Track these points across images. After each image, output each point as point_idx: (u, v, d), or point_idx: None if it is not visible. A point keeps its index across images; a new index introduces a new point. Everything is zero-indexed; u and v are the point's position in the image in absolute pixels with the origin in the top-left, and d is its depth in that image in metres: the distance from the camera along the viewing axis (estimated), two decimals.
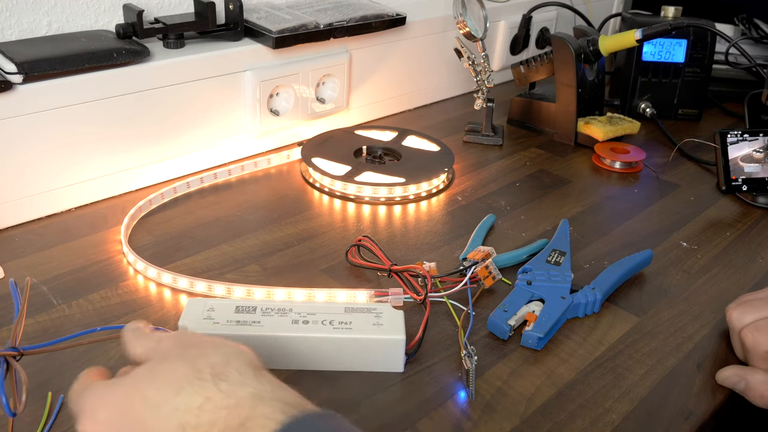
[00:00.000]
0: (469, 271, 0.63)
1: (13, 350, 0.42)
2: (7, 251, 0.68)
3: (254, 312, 0.55)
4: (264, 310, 0.55)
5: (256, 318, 0.54)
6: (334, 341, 0.54)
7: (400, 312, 0.56)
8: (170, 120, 0.79)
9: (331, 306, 0.57)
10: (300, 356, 0.54)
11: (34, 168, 0.71)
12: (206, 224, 0.74)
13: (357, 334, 0.54)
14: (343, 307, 0.56)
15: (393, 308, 0.57)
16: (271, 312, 0.55)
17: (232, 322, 0.54)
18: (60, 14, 0.76)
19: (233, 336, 0.52)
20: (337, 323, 0.54)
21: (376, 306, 0.57)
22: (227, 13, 0.83)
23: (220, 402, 0.37)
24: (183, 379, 0.38)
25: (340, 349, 0.54)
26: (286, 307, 0.56)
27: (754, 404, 0.54)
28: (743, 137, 0.85)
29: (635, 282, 0.68)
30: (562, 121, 1.00)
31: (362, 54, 0.97)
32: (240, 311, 0.55)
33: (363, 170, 0.83)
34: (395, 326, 0.55)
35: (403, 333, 0.54)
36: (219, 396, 0.37)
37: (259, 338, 0.53)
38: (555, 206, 0.82)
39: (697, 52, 1.06)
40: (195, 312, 0.55)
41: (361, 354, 0.54)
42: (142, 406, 0.38)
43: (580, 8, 1.24)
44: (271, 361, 0.54)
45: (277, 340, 0.54)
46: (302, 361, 0.55)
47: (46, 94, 0.68)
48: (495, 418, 0.51)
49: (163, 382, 0.39)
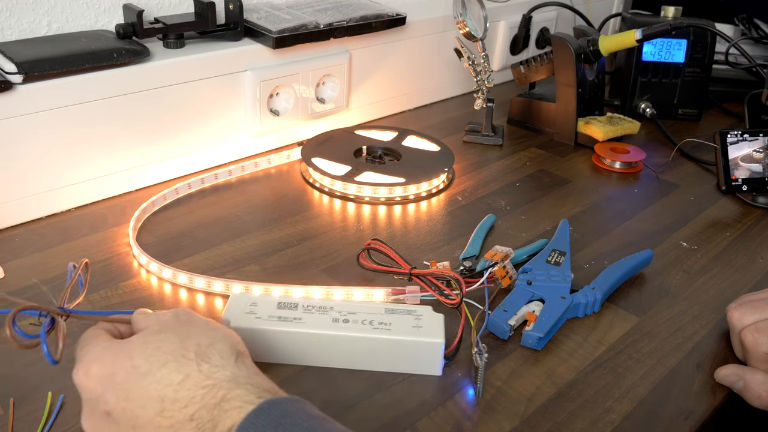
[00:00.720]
0: (487, 271, 0.63)
1: (62, 309, 0.46)
2: (7, 251, 0.68)
3: (296, 309, 0.56)
4: (305, 308, 0.56)
5: (298, 315, 0.55)
6: (373, 341, 0.54)
7: (440, 315, 0.56)
8: (170, 120, 0.79)
9: (372, 306, 0.57)
10: (338, 354, 0.55)
11: (34, 168, 0.71)
12: (206, 224, 0.74)
13: (396, 336, 0.54)
14: (383, 308, 0.57)
15: (433, 311, 0.57)
16: (313, 309, 0.56)
17: (273, 318, 0.55)
18: (60, 14, 0.76)
19: (275, 331, 0.54)
20: (377, 323, 0.55)
21: (416, 308, 0.57)
22: (227, 13, 0.84)
23: (199, 381, 0.40)
24: (169, 353, 0.41)
25: (378, 349, 0.54)
26: (327, 306, 0.56)
27: (751, 405, 0.54)
28: (743, 137, 0.85)
29: (635, 282, 0.68)
30: (562, 121, 1.00)
31: (362, 54, 0.97)
32: (282, 307, 0.56)
33: (363, 170, 0.83)
34: (435, 329, 0.55)
35: (442, 336, 0.54)
36: (199, 376, 0.40)
37: (299, 335, 0.54)
38: (555, 206, 0.82)
39: (697, 52, 1.06)
40: (238, 306, 0.56)
41: (399, 355, 0.54)
42: (129, 372, 0.41)
43: (580, 8, 1.24)
44: (310, 358, 0.55)
45: (317, 337, 0.54)
46: (340, 359, 0.55)
47: (46, 94, 0.68)
48: (495, 418, 0.51)
49: (152, 353, 0.42)
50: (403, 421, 0.51)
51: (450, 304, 0.60)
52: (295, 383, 0.54)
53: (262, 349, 0.54)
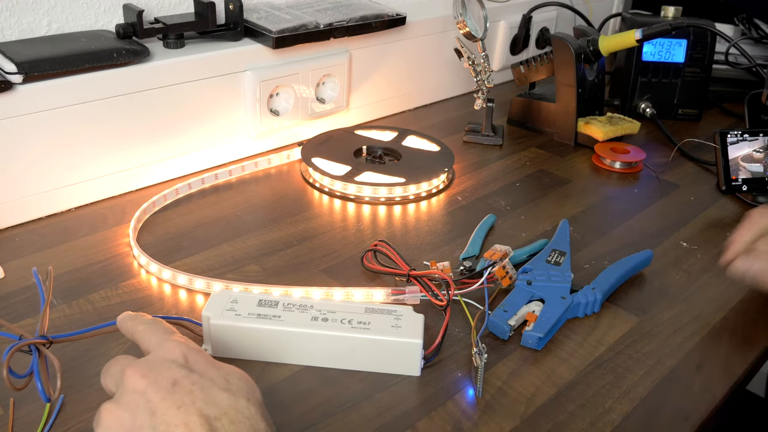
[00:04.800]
0: (487, 271, 0.63)
1: (42, 338, 0.44)
2: (7, 251, 0.68)
3: (276, 306, 0.56)
4: (285, 305, 0.56)
5: (277, 312, 0.55)
6: (350, 340, 0.54)
7: (420, 315, 0.56)
8: (170, 120, 0.79)
9: (352, 305, 0.57)
10: (316, 353, 0.55)
11: (34, 168, 0.71)
12: (206, 224, 0.74)
13: (374, 335, 0.54)
14: (363, 307, 0.57)
15: (413, 311, 0.56)
16: (293, 308, 0.56)
17: (253, 315, 0.55)
18: (60, 14, 0.76)
19: (254, 328, 0.54)
20: (356, 323, 0.55)
21: (397, 308, 0.57)
22: (227, 13, 0.84)
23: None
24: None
25: (356, 348, 0.54)
26: (307, 304, 0.56)
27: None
28: (743, 137, 0.85)
29: (635, 282, 0.68)
30: (562, 121, 1.00)
31: (362, 54, 0.97)
32: (262, 305, 0.56)
33: (363, 170, 0.83)
34: (414, 329, 0.54)
35: (420, 337, 0.54)
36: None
37: (277, 332, 0.54)
38: (555, 206, 0.82)
39: (697, 52, 1.06)
40: (219, 303, 0.56)
41: (377, 355, 0.54)
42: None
43: (580, 8, 1.24)
44: (288, 356, 0.55)
45: (295, 335, 0.54)
46: (318, 358, 0.55)
47: (46, 94, 0.68)
48: (495, 418, 0.51)
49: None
50: (403, 421, 0.51)
51: (438, 305, 0.60)
52: (294, 383, 0.54)
53: (240, 346, 0.55)
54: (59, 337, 0.46)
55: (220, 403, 0.40)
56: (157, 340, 0.44)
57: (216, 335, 0.55)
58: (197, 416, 0.39)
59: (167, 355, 0.43)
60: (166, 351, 0.43)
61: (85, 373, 0.53)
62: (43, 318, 0.46)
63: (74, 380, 0.52)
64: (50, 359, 0.44)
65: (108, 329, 0.49)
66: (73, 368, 0.53)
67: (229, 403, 0.40)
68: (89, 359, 0.54)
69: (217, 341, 0.55)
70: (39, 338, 0.44)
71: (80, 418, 0.49)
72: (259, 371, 0.54)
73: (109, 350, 0.55)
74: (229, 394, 0.41)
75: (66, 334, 0.48)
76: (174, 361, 0.42)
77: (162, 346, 0.43)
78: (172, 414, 0.39)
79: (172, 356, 0.42)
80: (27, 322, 0.59)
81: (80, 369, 0.53)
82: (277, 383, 0.54)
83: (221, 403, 0.40)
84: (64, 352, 0.54)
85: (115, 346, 0.56)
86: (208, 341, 0.55)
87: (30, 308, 0.60)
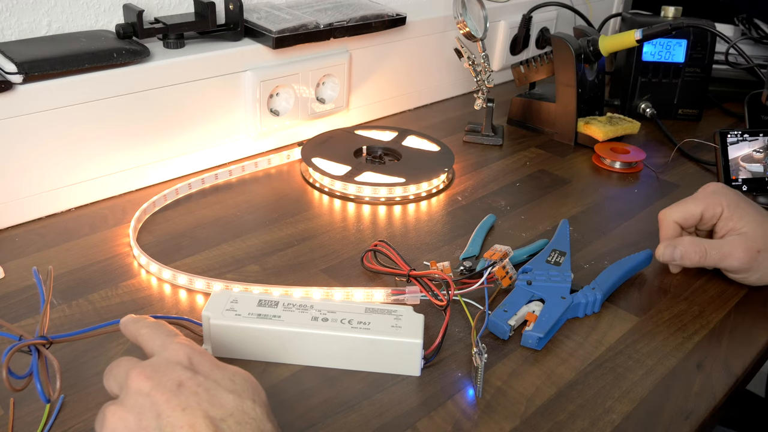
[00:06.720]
0: (487, 271, 0.63)
1: (42, 339, 0.44)
2: (7, 251, 0.68)
3: (276, 306, 0.56)
4: (285, 306, 0.56)
5: (278, 312, 0.55)
6: (350, 340, 0.54)
7: (421, 315, 0.56)
8: (170, 120, 0.79)
9: (352, 305, 0.57)
10: (316, 353, 0.55)
11: (34, 168, 0.71)
12: (206, 224, 0.74)
13: (374, 335, 0.54)
14: (363, 307, 0.57)
15: (413, 311, 0.56)
16: (293, 308, 0.56)
17: (253, 315, 0.55)
18: (60, 14, 0.76)
19: (253, 328, 0.54)
20: (356, 323, 0.55)
21: (397, 308, 0.57)
22: (227, 13, 0.84)
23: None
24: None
25: (356, 348, 0.54)
26: (307, 304, 0.56)
27: (690, 266, 0.67)
28: (743, 137, 0.85)
29: (635, 282, 0.68)
30: (562, 121, 1.00)
31: (362, 54, 0.97)
32: (262, 305, 0.56)
33: (363, 170, 0.83)
34: (414, 330, 0.54)
35: (420, 337, 0.54)
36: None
37: (277, 332, 0.54)
38: (555, 206, 0.82)
39: (697, 52, 1.06)
40: (219, 303, 0.56)
41: (377, 355, 0.54)
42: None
43: (580, 8, 1.24)
44: (288, 356, 0.55)
45: (295, 335, 0.54)
46: (318, 358, 0.55)
47: (46, 94, 0.68)
48: (495, 418, 0.51)
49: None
50: (404, 421, 0.51)
51: (438, 305, 0.60)
52: (294, 383, 0.54)
53: (240, 346, 0.55)
54: (59, 337, 0.47)
55: (226, 405, 0.40)
56: (161, 343, 0.44)
57: (216, 335, 0.55)
58: (203, 418, 0.39)
59: (172, 357, 0.43)
60: (171, 353, 0.43)
61: (85, 373, 0.53)
62: (43, 318, 0.46)
63: (74, 380, 0.52)
64: (50, 360, 0.44)
65: (108, 329, 0.49)
66: (73, 368, 0.53)
67: (234, 404, 0.40)
68: (89, 359, 0.54)
69: (217, 341, 0.55)
70: (39, 339, 0.45)
71: (80, 418, 0.49)
72: (261, 371, 0.54)
73: (109, 350, 0.55)
74: (234, 395, 0.41)
75: (66, 335, 0.48)
76: (179, 362, 0.42)
77: (166, 348, 0.43)
78: (177, 416, 0.39)
79: (176, 358, 0.42)
80: (27, 322, 0.59)
81: (80, 369, 0.53)
82: (277, 383, 0.54)
83: (227, 404, 0.40)
84: (64, 352, 0.54)
85: (115, 346, 0.56)
86: (208, 341, 0.55)
87: (30, 308, 0.60)
